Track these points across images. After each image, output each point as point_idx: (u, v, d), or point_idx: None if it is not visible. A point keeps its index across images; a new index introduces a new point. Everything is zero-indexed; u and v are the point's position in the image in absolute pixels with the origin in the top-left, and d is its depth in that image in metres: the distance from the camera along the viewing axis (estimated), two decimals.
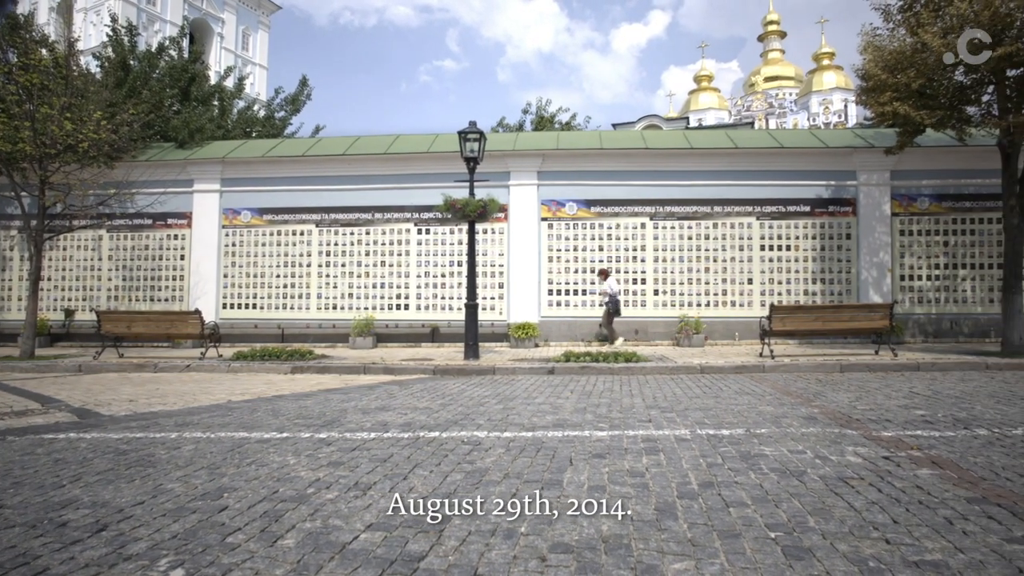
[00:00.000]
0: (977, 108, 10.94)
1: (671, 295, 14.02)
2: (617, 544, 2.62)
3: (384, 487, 3.44)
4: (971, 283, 13.88)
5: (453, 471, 3.77)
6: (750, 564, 2.41)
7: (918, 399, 6.41)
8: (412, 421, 5.42)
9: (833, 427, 4.96)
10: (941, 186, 13.96)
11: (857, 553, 2.50)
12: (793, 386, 7.54)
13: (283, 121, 23.62)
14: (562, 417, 5.56)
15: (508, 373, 9.14)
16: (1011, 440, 4.46)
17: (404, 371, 9.44)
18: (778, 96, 58.20)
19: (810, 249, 14.03)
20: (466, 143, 10.68)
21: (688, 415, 5.57)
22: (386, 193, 14.58)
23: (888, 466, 3.77)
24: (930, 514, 2.93)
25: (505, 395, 7.02)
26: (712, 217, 14.08)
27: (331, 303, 14.57)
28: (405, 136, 15.92)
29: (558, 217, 14.27)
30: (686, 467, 3.80)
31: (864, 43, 11.17)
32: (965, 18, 9.52)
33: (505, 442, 4.55)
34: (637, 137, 15.80)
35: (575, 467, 3.84)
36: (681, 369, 9.12)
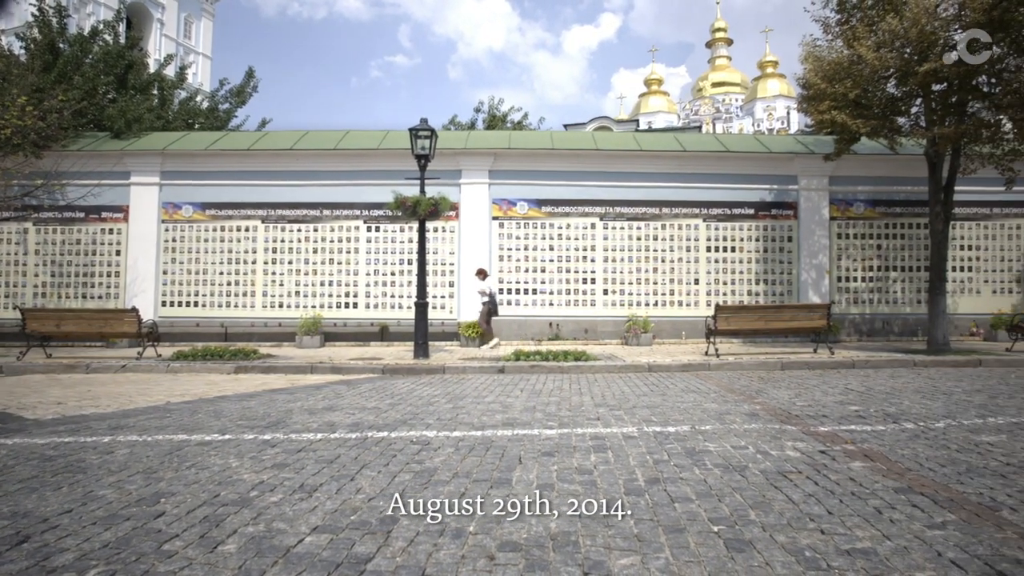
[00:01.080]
0: (907, 119, 11.51)
1: (620, 295, 14.23)
2: (565, 541, 2.64)
3: (331, 489, 3.37)
4: (901, 285, 14.59)
5: (402, 471, 3.73)
6: (694, 558, 2.47)
7: (852, 395, 6.70)
8: (360, 421, 5.34)
9: (774, 423, 5.13)
10: (875, 192, 14.63)
11: (795, 544, 2.59)
12: (737, 384, 7.76)
13: (228, 114, 22.89)
14: (512, 416, 5.57)
15: (458, 372, 9.11)
16: (934, 433, 4.70)
17: (352, 370, 9.29)
18: (725, 101, 59.85)
19: (754, 251, 14.48)
20: (417, 140, 10.58)
21: (636, 413, 5.67)
22: (335, 189, 14.31)
23: (824, 460, 3.92)
24: (861, 504, 3.07)
25: (455, 394, 6.99)
26: (660, 218, 14.36)
27: (277, 301, 14.21)
28: (355, 132, 15.66)
29: (509, 216, 14.30)
30: (633, 464, 3.86)
31: (805, 53, 11.59)
32: (896, 34, 10.00)
33: (454, 441, 4.53)
34: (588, 138, 15.97)
35: (524, 466, 3.85)
36: (629, 368, 9.27)
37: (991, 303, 14.49)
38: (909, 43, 9.97)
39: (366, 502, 3.15)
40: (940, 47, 10.04)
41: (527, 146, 14.55)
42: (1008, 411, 5.63)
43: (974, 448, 4.22)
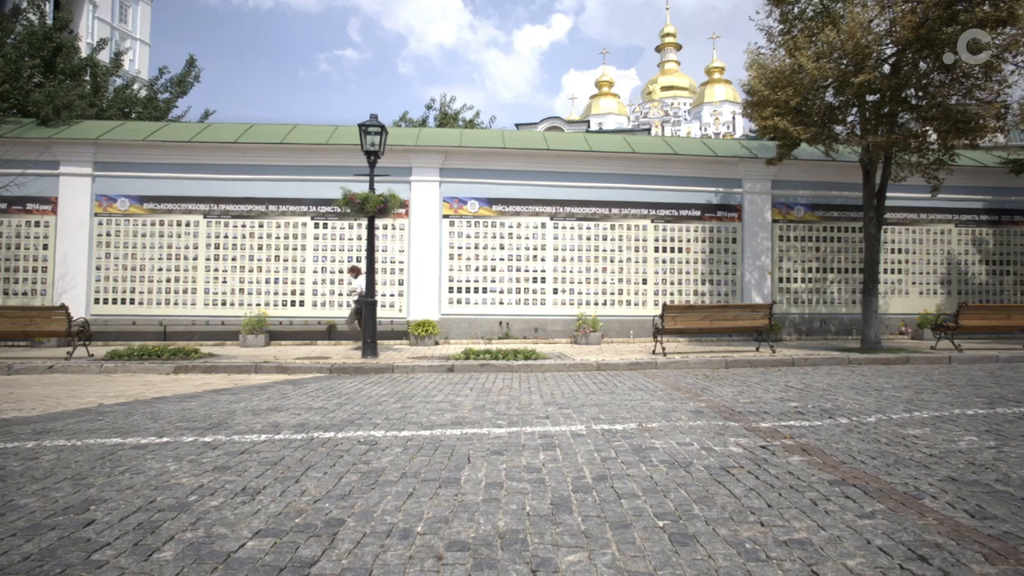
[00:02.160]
0: (844, 127, 11.99)
1: (570, 294, 14.37)
2: (513, 539, 2.65)
3: (274, 491, 3.29)
4: (837, 286, 15.21)
5: (348, 472, 3.67)
6: (639, 552, 2.51)
7: (792, 392, 6.95)
8: (306, 422, 5.22)
9: (718, 420, 5.28)
10: (814, 196, 15.20)
11: (736, 536, 2.67)
12: (683, 382, 7.94)
13: (168, 103, 22.02)
14: (461, 415, 5.55)
15: (407, 371, 9.02)
16: (866, 427, 4.93)
17: (298, 370, 9.08)
18: (673, 105, 61.14)
19: (700, 252, 14.84)
20: (367, 136, 10.42)
21: (584, 411, 5.73)
22: (281, 185, 13.94)
23: (765, 455, 4.06)
24: (799, 497, 3.19)
25: (404, 393, 6.92)
26: (610, 219, 14.56)
27: (220, 299, 13.75)
28: (303, 126, 15.30)
29: (460, 215, 14.24)
30: (581, 462, 3.91)
31: (749, 60, 11.94)
32: (833, 46, 10.40)
33: (403, 441, 4.48)
34: (539, 138, 16.05)
35: (473, 465, 3.85)
36: (578, 366, 9.37)
37: (918, 304, 15.27)
38: (846, 55, 10.39)
39: (311, 504, 3.09)
40: (873, 60, 10.50)
41: (478, 144, 14.52)
42: (931, 406, 5.95)
43: (901, 441, 4.44)
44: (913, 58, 10.57)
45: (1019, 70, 10.48)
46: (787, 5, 11.49)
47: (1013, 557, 2.46)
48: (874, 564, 2.40)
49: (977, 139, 11.10)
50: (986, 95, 10.63)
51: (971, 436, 4.60)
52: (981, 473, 3.63)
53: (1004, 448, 4.22)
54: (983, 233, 15.81)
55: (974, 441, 4.43)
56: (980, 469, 3.71)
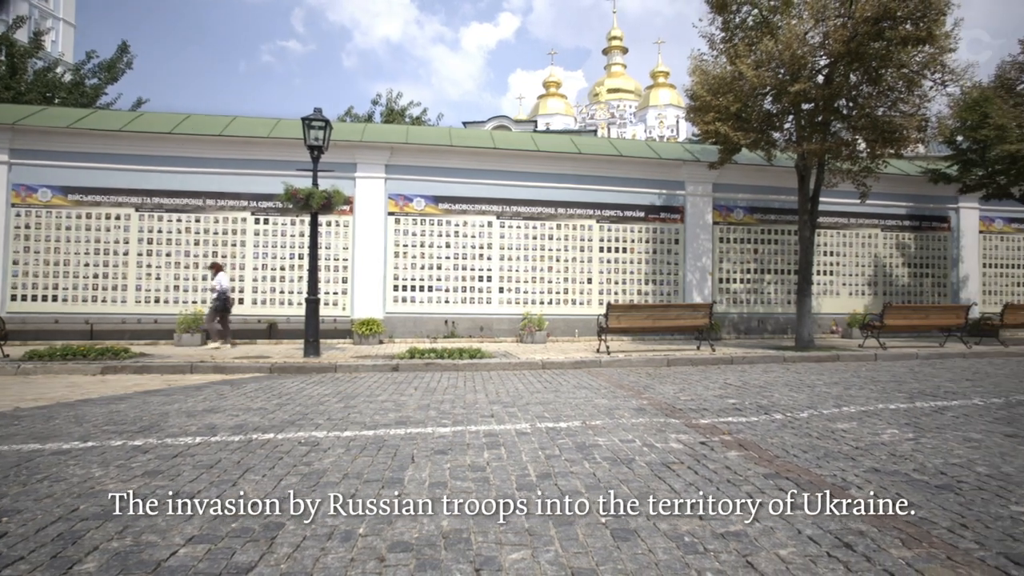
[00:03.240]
0: (781, 134, 12.46)
1: (516, 293, 14.42)
2: (457, 539, 2.64)
3: (210, 495, 3.17)
4: (774, 287, 15.81)
5: (288, 474, 3.58)
6: (582, 548, 2.54)
7: (730, 389, 7.17)
8: (244, 423, 5.06)
9: (659, 417, 5.40)
10: (753, 200, 15.74)
11: (675, 530, 2.74)
12: (626, 380, 8.08)
13: (96, 90, 20.95)
14: (405, 414, 5.50)
15: (351, 370, 8.87)
16: (799, 422, 5.14)
17: (237, 369, 8.80)
18: (619, 107, 62.15)
19: (644, 252, 15.15)
20: (311, 131, 10.18)
21: (529, 409, 5.76)
22: (220, 178, 13.46)
23: (704, 450, 4.18)
24: (735, 491, 3.29)
25: (347, 393, 6.80)
26: (556, 218, 14.68)
27: (153, 296, 13.18)
28: (243, 118, 14.82)
29: (405, 212, 14.09)
30: (526, 460, 3.92)
31: (693, 66, 12.25)
32: (772, 55, 10.80)
33: (345, 442, 4.40)
34: (487, 137, 16.04)
35: (417, 464, 3.81)
36: (524, 365, 9.42)
37: (848, 304, 16.03)
38: (783, 64, 10.80)
39: (249, 508, 2.99)
40: (808, 71, 10.95)
41: (425, 142, 14.39)
42: (858, 401, 6.26)
43: (831, 435, 4.64)
44: (844, 70, 11.07)
45: (936, 86, 11.12)
46: (729, 14, 11.84)
47: (927, 541, 2.62)
48: (804, 553, 2.50)
49: (901, 149, 11.75)
50: (909, 108, 11.25)
51: (893, 429, 4.85)
52: (901, 463, 3.83)
53: (921, 439, 4.47)
54: (906, 238, 16.73)
55: (895, 434, 4.68)
56: (900, 460, 3.92)
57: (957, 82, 11.16)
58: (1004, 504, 3.10)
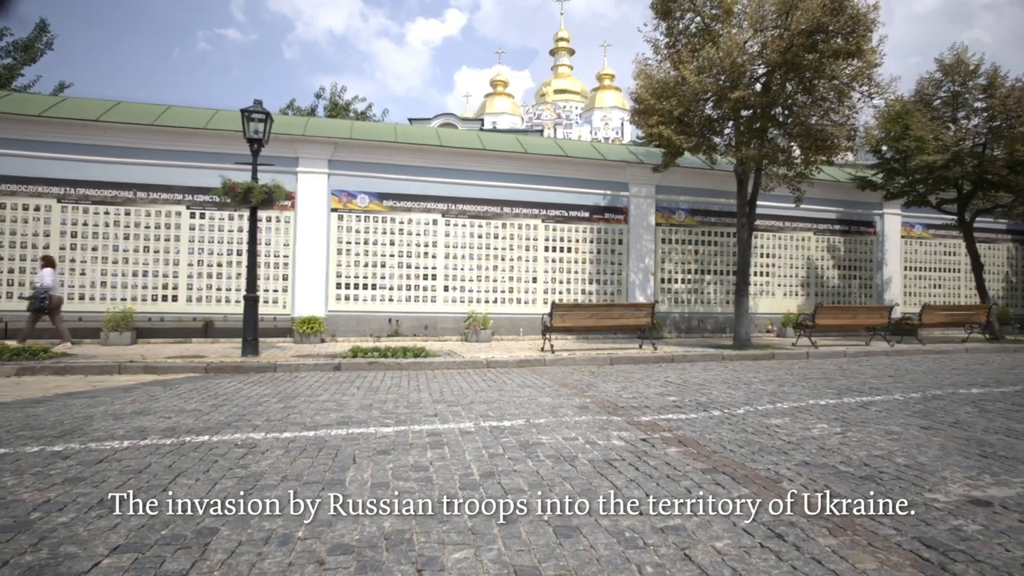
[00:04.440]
0: (722, 139, 12.85)
1: (461, 291, 14.37)
2: (399, 539, 2.61)
3: (137, 502, 3.03)
4: (714, 287, 16.28)
5: (224, 477, 3.46)
6: (525, 546, 2.55)
7: (671, 387, 7.35)
8: (177, 425, 4.86)
9: (602, 415, 5.48)
10: (694, 202, 16.17)
11: (616, 526, 2.78)
12: (570, 378, 8.17)
13: (10, 70, 19.71)
14: (347, 414, 5.40)
15: (291, 370, 8.64)
16: (736, 418, 5.31)
17: (170, 369, 8.44)
18: (566, 108, 62.66)
19: (588, 252, 15.34)
20: (250, 123, 9.86)
21: (473, 408, 5.75)
22: (152, 170, 12.87)
23: (645, 447, 4.26)
24: (675, 486, 3.37)
25: (287, 393, 6.62)
26: (501, 217, 14.71)
27: (77, 293, 12.49)
28: (178, 108, 14.22)
29: (349, 209, 13.84)
30: (469, 459, 3.91)
31: (637, 70, 12.49)
32: (713, 62, 11.12)
33: (284, 443, 4.29)
34: (432, 134, 15.92)
35: (359, 465, 3.75)
36: (468, 364, 9.40)
37: (783, 304, 16.67)
38: (724, 71, 11.13)
39: (180, 514, 2.88)
40: (748, 78, 11.33)
41: (370, 138, 14.16)
42: (791, 397, 6.52)
43: (765, 430, 4.82)
44: (781, 79, 11.49)
45: (864, 98, 11.70)
46: (673, 20, 12.13)
47: (851, 529, 2.76)
48: (739, 544, 2.58)
49: (832, 156, 12.29)
50: (839, 118, 11.78)
51: (822, 424, 5.07)
52: (829, 456, 4.01)
53: (848, 433, 4.70)
54: (836, 241, 17.53)
55: (825, 428, 4.90)
56: (828, 453, 4.10)
57: (882, 95, 11.76)
58: (919, 492, 3.30)
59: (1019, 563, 2.45)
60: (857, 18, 10.63)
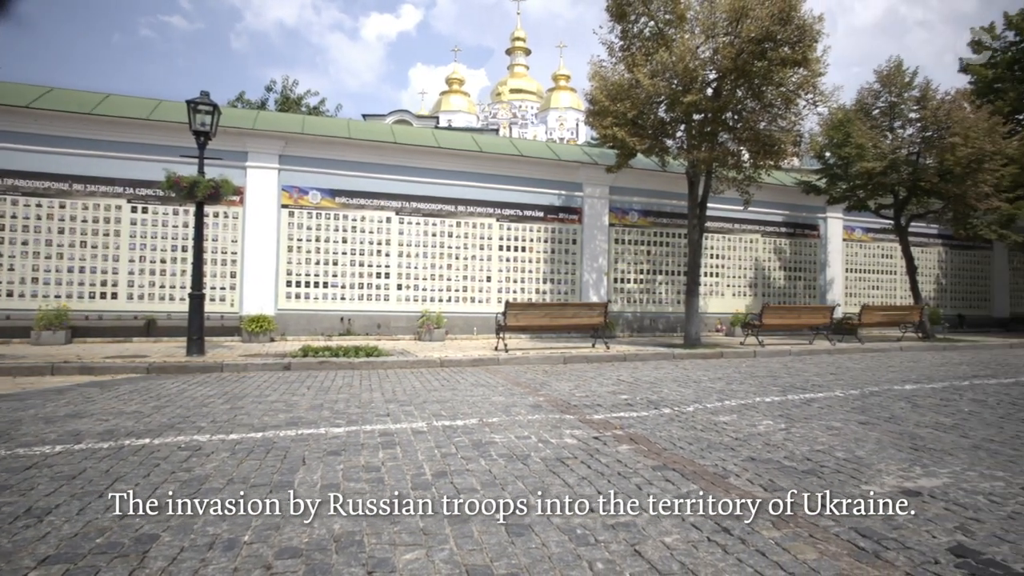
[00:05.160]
0: (674, 142, 13.09)
1: (414, 290, 14.24)
2: (349, 541, 2.57)
3: (70, 510, 2.90)
4: (666, 287, 16.59)
5: (166, 481, 3.34)
6: (477, 545, 2.55)
7: (623, 385, 7.45)
8: (115, 428, 4.67)
9: (555, 413, 5.51)
10: (647, 203, 16.44)
11: (568, 524, 2.80)
12: (523, 377, 8.19)
13: None
14: (297, 415, 5.28)
15: (238, 370, 8.41)
16: (686, 416, 5.42)
17: (109, 370, 8.09)
18: (521, 108, 62.82)
19: (542, 251, 15.42)
20: (197, 115, 9.54)
21: (426, 408, 5.71)
22: (90, 161, 12.30)
23: (597, 445, 4.31)
24: (626, 483, 3.42)
25: (234, 394, 6.44)
26: (456, 216, 14.64)
27: (5, 289, 11.84)
28: (118, 97, 13.63)
29: (300, 205, 13.54)
30: (421, 459, 3.88)
31: (592, 72, 12.61)
32: (666, 66, 11.32)
33: (230, 445, 4.16)
34: (387, 131, 15.73)
35: (308, 466, 3.68)
36: (421, 363, 9.32)
37: (732, 304, 17.12)
38: (676, 76, 11.34)
39: (118, 521, 2.76)
40: (699, 83, 11.58)
41: (322, 133, 13.88)
42: (739, 395, 6.69)
43: (714, 427, 4.93)
44: (732, 85, 11.78)
45: (809, 106, 12.11)
46: (627, 23, 12.29)
47: (793, 521, 2.85)
48: (687, 539, 2.63)
49: (779, 161, 12.67)
50: (786, 124, 12.16)
51: (768, 420, 5.23)
52: (773, 452, 4.14)
53: (791, 429, 4.85)
54: (782, 243, 18.09)
55: (770, 424, 5.05)
56: (773, 448, 4.23)
57: (826, 103, 12.19)
58: (856, 484, 3.43)
59: (944, 548, 2.58)
60: (803, 29, 10.99)
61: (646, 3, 11.85)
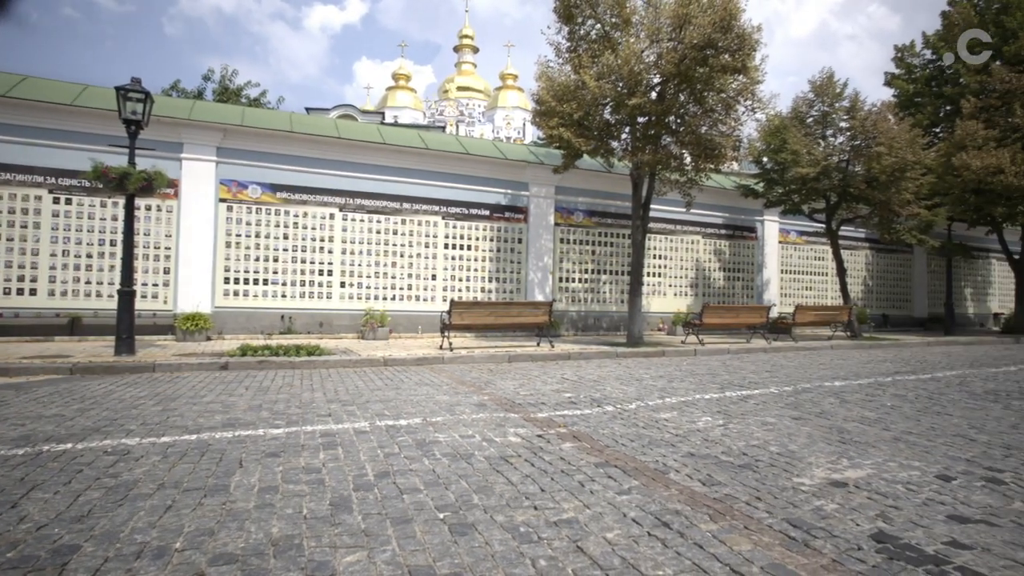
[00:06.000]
0: (619, 143, 13.29)
1: (358, 288, 13.99)
2: (288, 545, 2.50)
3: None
4: (610, 287, 16.85)
5: (89, 488, 3.17)
6: (419, 546, 2.52)
7: (567, 384, 7.52)
8: (32, 433, 4.40)
9: (499, 412, 5.51)
10: (592, 204, 16.64)
11: (511, 522, 2.80)
12: (468, 376, 8.17)
13: None
14: (234, 416, 5.11)
15: (172, 370, 8.06)
16: (628, 413, 5.51)
17: (26, 371, 7.61)
18: (468, 106, 62.61)
19: (488, 250, 15.41)
20: (127, 103, 9.08)
21: (369, 407, 5.62)
22: (4, 148, 11.52)
23: (541, 443, 4.33)
24: (569, 480, 3.44)
25: (166, 395, 6.17)
26: (401, 213, 14.47)
27: None
28: (38, 80, 12.83)
29: (239, 200, 13.10)
30: (364, 459, 3.81)
31: (539, 72, 12.68)
32: (612, 69, 11.48)
33: (162, 448, 3.99)
34: (331, 125, 15.39)
35: (245, 469, 3.56)
36: (365, 362, 9.17)
37: (673, 303, 17.53)
38: (622, 79, 11.52)
39: (33, 532, 2.60)
40: (644, 87, 11.80)
41: (263, 126, 13.46)
42: (679, 392, 6.86)
43: (655, 424, 5.03)
44: (675, 90, 12.05)
45: (748, 112, 12.52)
46: (575, 25, 12.41)
47: (729, 514, 2.94)
48: (628, 534, 2.68)
49: (720, 164, 13.06)
50: (726, 129, 12.52)
51: (707, 417, 5.37)
52: (712, 447, 4.25)
53: (729, 425, 5.00)
54: (722, 244, 18.65)
55: (709, 421, 5.19)
56: (711, 444, 4.35)
57: (763, 110, 12.63)
58: (789, 477, 3.57)
59: (866, 535, 2.72)
60: (743, 37, 11.34)
61: (593, 6, 11.99)
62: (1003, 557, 2.53)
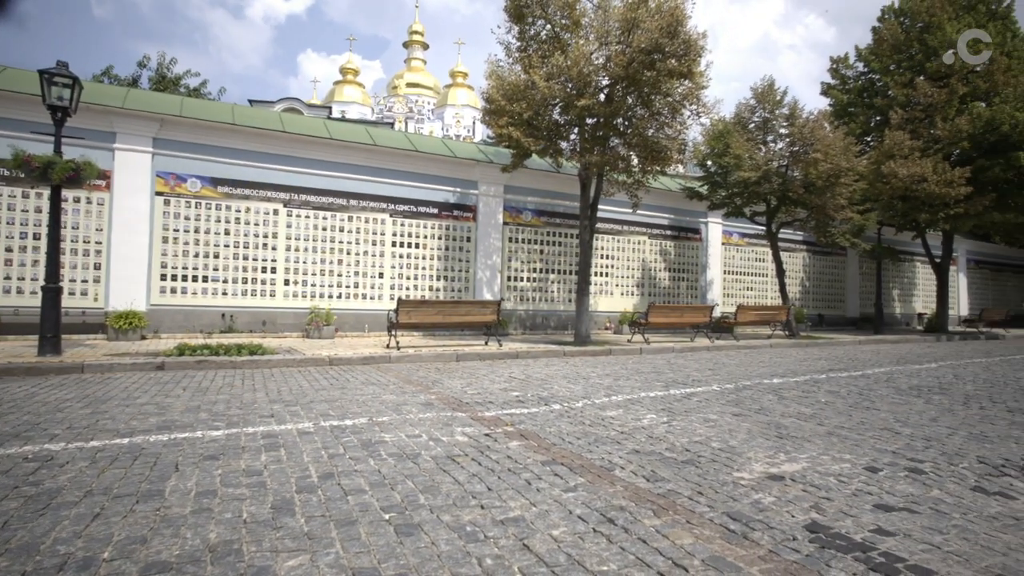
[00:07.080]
0: (568, 144, 13.41)
1: (303, 286, 13.67)
2: (226, 551, 2.42)
3: None
4: (558, 286, 16.98)
5: (7, 498, 2.98)
6: (364, 548, 2.47)
7: (515, 382, 7.53)
8: None
9: (447, 411, 5.48)
10: (541, 203, 16.74)
11: (458, 521, 2.79)
12: (415, 375, 8.09)
13: None
14: (170, 418, 4.90)
15: (103, 370, 7.69)
16: (575, 411, 5.57)
17: None
18: (418, 103, 62.02)
19: (436, 248, 15.30)
20: (52, 87, 8.58)
21: (313, 407, 5.49)
22: None
23: (488, 442, 4.32)
24: (515, 479, 3.45)
25: (96, 397, 5.88)
26: (348, 210, 14.21)
27: None
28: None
29: (177, 193, 12.60)
30: (307, 460, 3.73)
31: (489, 70, 12.66)
32: (562, 70, 11.57)
33: (90, 453, 3.80)
34: (275, 119, 14.97)
35: (182, 473, 3.42)
36: (309, 361, 8.97)
37: (620, 303, 17.82)
38: (571, 80, 11.62)
39: None
40: (593, 88, 11.93)
41: (204, 117, 12.97)
42: (625, 390, 6.97)
43: (601, 422, 5.10)
44: (623, 92, 12.23)
45: (693, 116, 12.83)
46: (525, 24, 12.44)
47: (672, 509, 3.00)
48: (574, 531, 2.70)
49: (666, 167, 13.35)
50: (672, 132, 12.80)
51: (652, 414, 5.48)
52: (656, 444, 4.34)
53: (673, 422, 5.11)
54: (667, 245, 19.06)
55: (653, 418, 5.29)
56: (656, 441, 4.44)
57: (708, 114, 12.96)
58: (729, 472, 3.67)
59: (801, 526, 2.83)
60: (689, 43, 11.61)
61: (543, 6, 12.06)
62: (922, 541, 2.68)
